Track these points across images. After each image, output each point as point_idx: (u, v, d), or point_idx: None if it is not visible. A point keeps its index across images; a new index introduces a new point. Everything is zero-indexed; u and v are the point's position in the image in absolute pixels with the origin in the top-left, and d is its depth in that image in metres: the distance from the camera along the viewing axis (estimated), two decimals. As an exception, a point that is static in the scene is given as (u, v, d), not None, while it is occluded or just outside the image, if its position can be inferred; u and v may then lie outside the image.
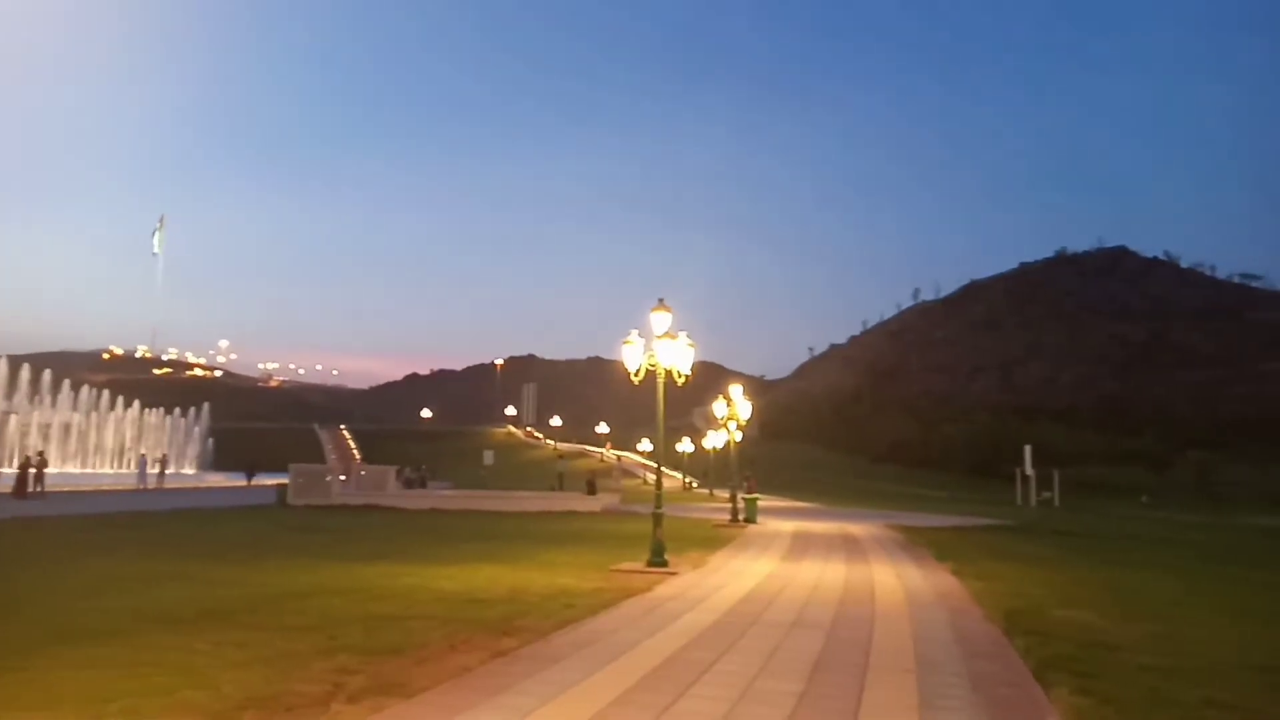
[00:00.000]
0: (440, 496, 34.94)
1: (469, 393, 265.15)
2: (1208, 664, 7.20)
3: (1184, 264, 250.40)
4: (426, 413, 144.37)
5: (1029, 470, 42.02)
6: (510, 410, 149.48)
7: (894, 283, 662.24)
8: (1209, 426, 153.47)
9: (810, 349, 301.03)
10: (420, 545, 16.36)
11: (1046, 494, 54.86)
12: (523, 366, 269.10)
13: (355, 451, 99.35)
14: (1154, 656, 7.36)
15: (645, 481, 65.50)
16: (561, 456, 72.33)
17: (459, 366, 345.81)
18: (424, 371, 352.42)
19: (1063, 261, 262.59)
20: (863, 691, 6.06)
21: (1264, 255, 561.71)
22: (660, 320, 14.07)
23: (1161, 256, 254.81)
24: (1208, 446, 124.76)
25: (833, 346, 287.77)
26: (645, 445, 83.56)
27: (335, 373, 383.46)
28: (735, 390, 27.57)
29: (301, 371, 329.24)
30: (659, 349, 14.07)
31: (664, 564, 13.17)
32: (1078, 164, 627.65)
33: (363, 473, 36.34)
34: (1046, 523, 31.81)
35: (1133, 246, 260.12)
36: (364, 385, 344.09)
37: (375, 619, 8.22)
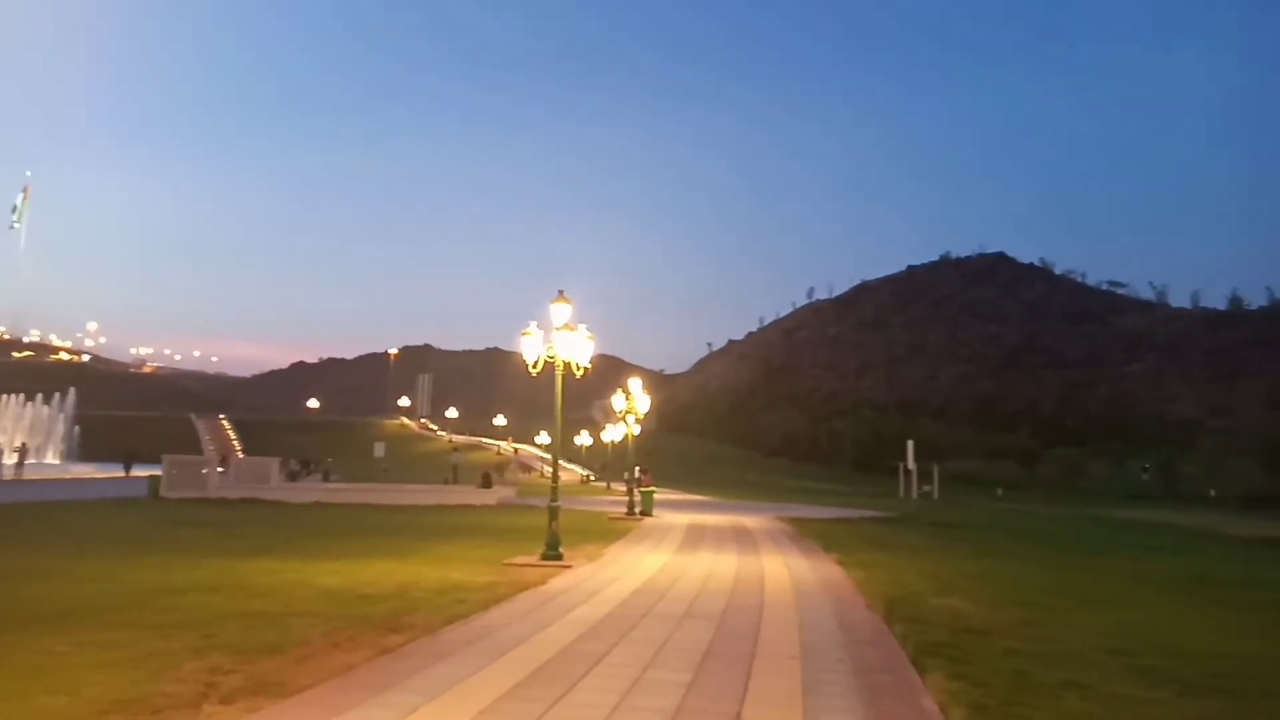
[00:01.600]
0: (328, 490, 33.81)
1: (360, 383, 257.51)
2: (1067, 647, 7.69)
3: (1057, 270, 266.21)
4: (313, 402, 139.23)
5: (911, 465, 43.90)
6: (404, 401, 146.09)
7: (792, 281, 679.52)
8: (1074, 424, 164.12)
9: (709, 344, 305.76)
10: (304, 540, 15.78)
11: (926, 487, 57.48)
12: (418, 356, 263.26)
13: (235, 442, 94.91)
14: (1020, 641, 7.81)
15: (543, 474, 65.11)
16: (456, 449, 71.07)
17: (350, 355, 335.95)
18: (312, 360, 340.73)
19: (946, 265, 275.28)
20: (749, 680, 6.20)
21: (1129, 264, 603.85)
22: (560, 312, 13.99)
23: (1036, 263, 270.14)
24: (1073, 443, 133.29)
25: (731, 342, 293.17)
26: (544, 438, 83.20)
27: (215, 359, 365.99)
28: (634, 384, 27.75)
29: (178, 357, 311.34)
30: (558, 341, 14.00)
31: (559, 557, 13.13)
32: (964, 170, 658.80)
33: (243, 465, 34.77)
34: (926, 515, 33.30)
35: (1011, 253, 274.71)
36: (246, 373, 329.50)
37: (253, 616, 7.88)
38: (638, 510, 25.93)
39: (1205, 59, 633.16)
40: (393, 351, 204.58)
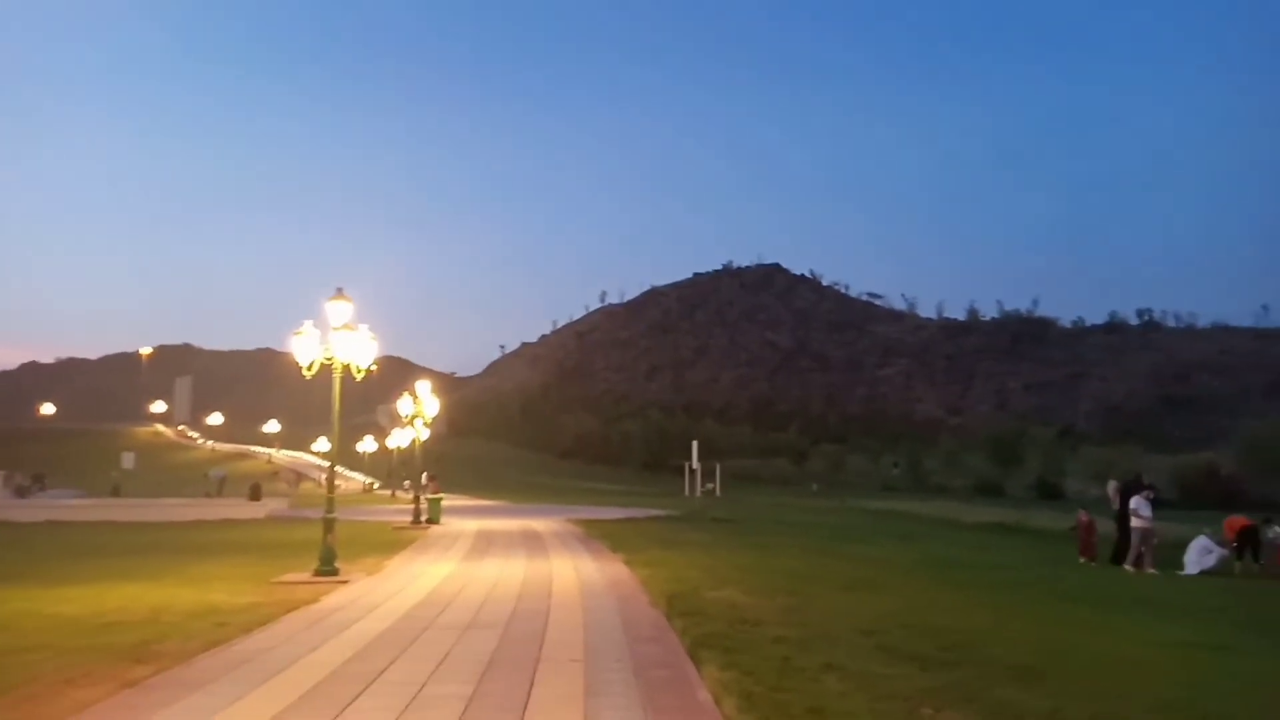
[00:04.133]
0: (67, 507, 29.98)
1: (107, 386, 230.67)
2: (827, 632, 8.31)
3: (824, 282, 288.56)
4: (49, 408, 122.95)
5: (695, 464, 45.75)
6: (159, 406, 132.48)
7: (585, 284, 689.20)
8: (837, 423, 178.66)
9: (502, 347, 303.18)
10: (38, 564, 13.90)
11: (709, 485, 60.18)
12: (177, 357, 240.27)
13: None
14: (787, 628, 8.35)
15: (320, 484, 61.48)
16: (218, 460, 65.43)
17: (93, 355, 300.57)
18: (47, 360, 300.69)
19: (728, 274, 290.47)
20: (533, 686, 6.17)
21: (885, 276, 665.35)
22: (338, 311, 13.25)
23: (807, 274, 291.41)
24: (836, 440, 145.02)
25: (524, 345, 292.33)
26: (322, 445, 78.50)
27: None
28: (422, 387, 26.89)
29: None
30: (336, 341, 13.27)
31: (334, 572, 12.43)
32: (746, 182, 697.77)
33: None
34: (708, 512, 34.87)
35: (785, 264, 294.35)
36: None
37: (-37, 658, 6.81)
38: (424, 519, 25.14)
39: (963, 92, 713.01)
40: (145, 351, 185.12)
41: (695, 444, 45.96)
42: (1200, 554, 16.22)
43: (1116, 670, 7.28)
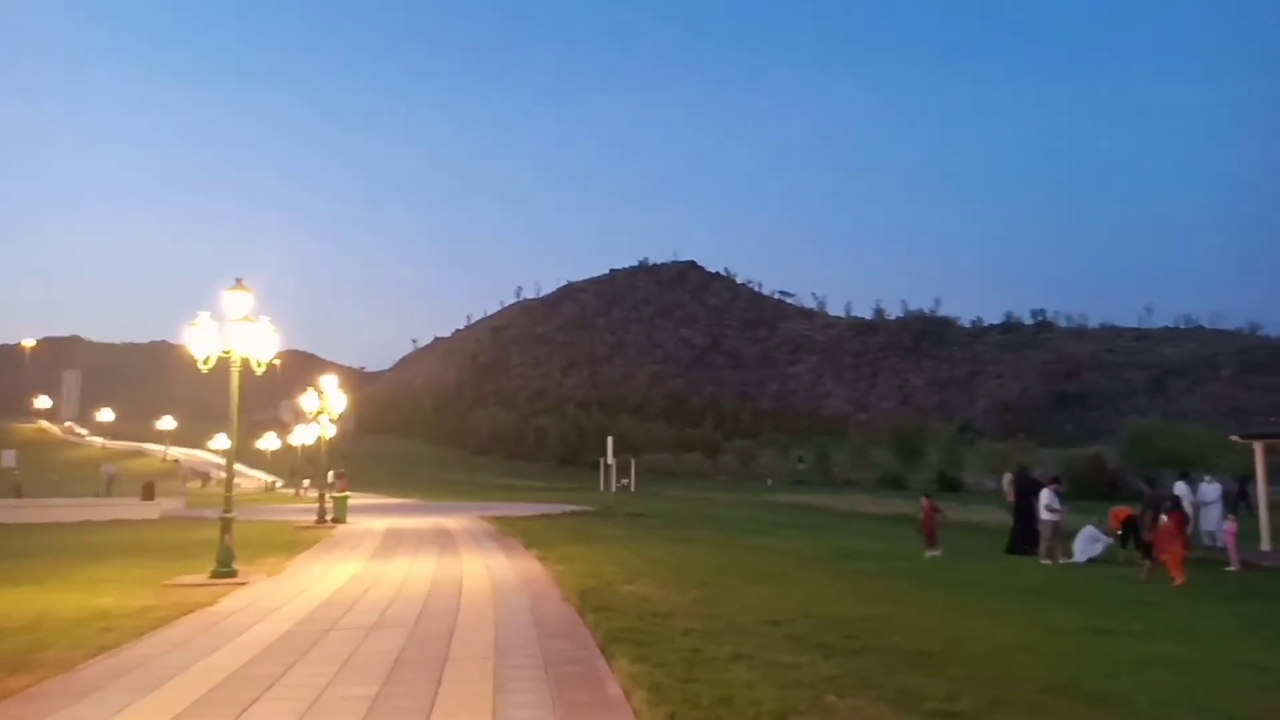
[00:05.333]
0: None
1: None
2: (737, 623, 8.44)
3: (738, 280, 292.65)
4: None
5: (610, 459, 45.78)
6: (44, 401, 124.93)
7: (501, 279, 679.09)
8: (749, 419, 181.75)
9: (414, 341, 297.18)
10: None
11: (624, 480, 60.42)
12: (64, 350, 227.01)
13: None
14: (697, 620, 8.43)
15: (218, 482, 59.02)
16: (110, 458, 62.13)
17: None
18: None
19: (644, 271, 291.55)
20: (440, 685, 6.06)
21: (797, 275, 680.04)
22: (237, 301, 12.71)
23: (721, 272, 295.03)
24: (748, 435, 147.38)
25: (437, 339, 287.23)
26: (221, 442, 75.34)
27: None
28: (328, 381, 26.09)
29: None
30: (235, 334, 12.73)
31: (232, 573, 11.95)
32: (663, 179, 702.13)
33: None
34: (622, 507, 34.95)
35: (701, 262, 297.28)
36: None
37: None
38: (330, 517, 24.41)
39: (860, 88, 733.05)
40: (28, 343, 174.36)
41: (610, 440, 46.03)
42: (1087, 542, 17.12)
43: (1010, 655, 7.62)
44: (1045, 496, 17.15)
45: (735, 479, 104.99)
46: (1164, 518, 14.19)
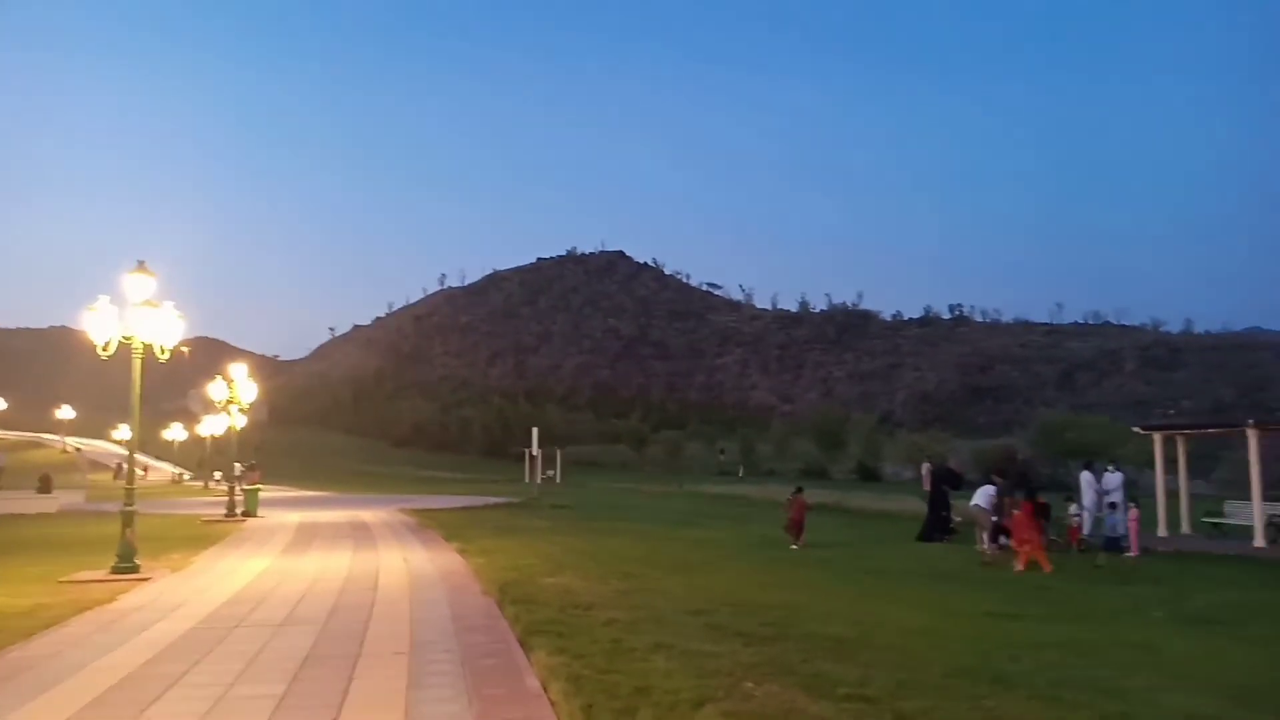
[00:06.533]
0: None
1: None
2: (658, 613, 8.46)
3: (666, 270, 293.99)
4: None
5: (535, 450, 45.53)
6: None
7: (423, 266, 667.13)
8: (676, 410, 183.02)
9: (331, 329, 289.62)
10: None
11: (550, 472, 60.13)
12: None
13: None
14: (619, 611, 8.43)
15: (119, 474, 56.46)
16: (3, 448, 58.79)
17: None
18: None
19: (572, 260, 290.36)
20: (351, 683, 5.90)
21: (724, 267, 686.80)
22: (139, 285, 12.11)
23: (649, 263, 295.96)
24: (675, 426, 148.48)
25: (356, 327, 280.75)
26: (123, 432, 72.03)
27: None
28: (238, 370, 25.16)
29: None
30: (136, 319, 12.14)
31: (134, 569, 11.43)
32: (589, 167, 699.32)
33: None
34: (547, 498, 34.78)
35: (629, 252, 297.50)
36: None
37: None
38: (240, 511, 23.59)
39: (785, 84, 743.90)
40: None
41: (535, 431, 45.76)
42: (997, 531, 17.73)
43: (920, 639, 7.84)
44: (984, 490, 17.23)
45: (663, 470, 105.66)
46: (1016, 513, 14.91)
